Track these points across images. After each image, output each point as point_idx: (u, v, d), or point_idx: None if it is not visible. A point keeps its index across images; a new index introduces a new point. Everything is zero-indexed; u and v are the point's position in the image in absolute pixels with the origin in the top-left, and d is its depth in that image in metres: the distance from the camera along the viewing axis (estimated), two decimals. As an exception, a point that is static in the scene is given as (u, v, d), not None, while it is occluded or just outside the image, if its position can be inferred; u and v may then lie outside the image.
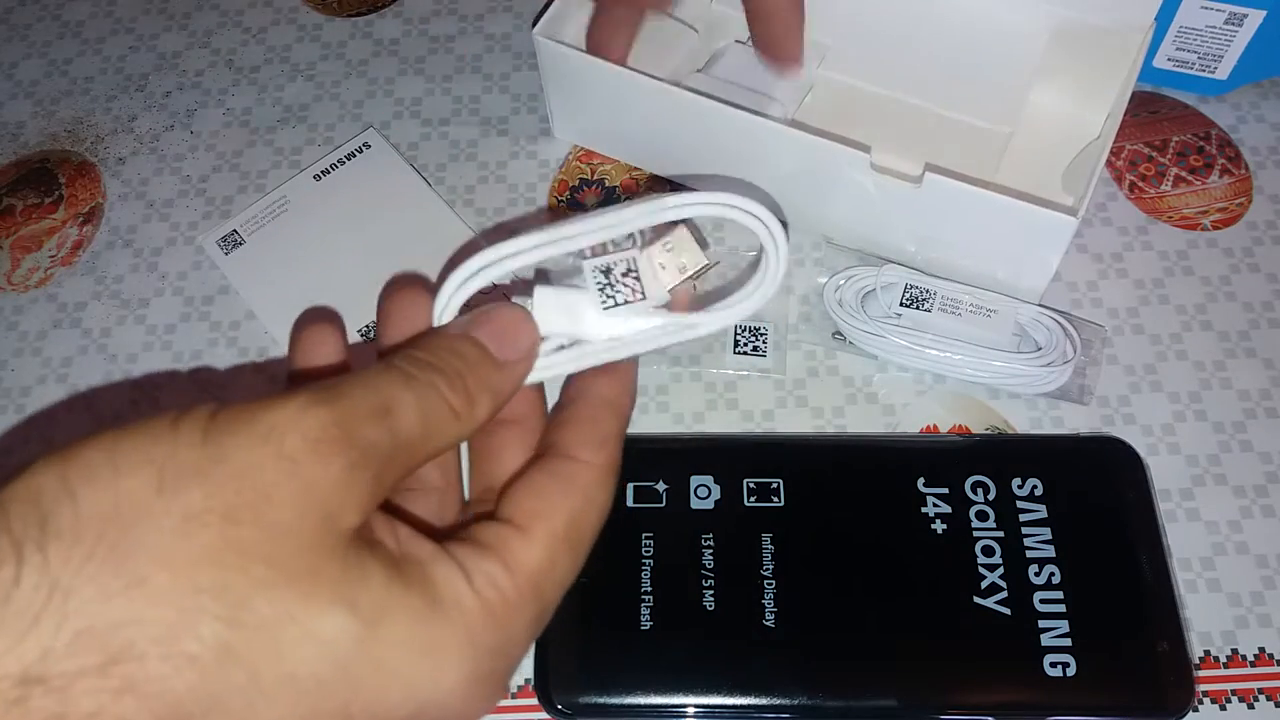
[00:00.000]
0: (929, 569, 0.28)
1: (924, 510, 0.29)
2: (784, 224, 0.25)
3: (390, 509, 0.22)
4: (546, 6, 0.35)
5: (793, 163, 0.33)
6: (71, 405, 0.34)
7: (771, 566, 0.29)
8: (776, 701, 0.27)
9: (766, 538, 0.29)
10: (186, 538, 0.17)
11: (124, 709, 0.16)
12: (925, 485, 0.30)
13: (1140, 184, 0.37)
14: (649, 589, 0.28)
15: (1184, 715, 0.27)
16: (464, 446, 0.25)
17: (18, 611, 0.15)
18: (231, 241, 0.36)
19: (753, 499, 0.30)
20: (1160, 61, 0.37)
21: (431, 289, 0.24)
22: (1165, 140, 0.37)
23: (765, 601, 0.28)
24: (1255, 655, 0.29)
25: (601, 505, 0.22)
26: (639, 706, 0.27)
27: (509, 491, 0.22)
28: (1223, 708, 0.28)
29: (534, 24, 0.35)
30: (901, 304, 0.32)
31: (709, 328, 0.24)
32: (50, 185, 0.38)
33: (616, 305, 0.24)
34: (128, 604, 0.16)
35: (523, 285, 0.24)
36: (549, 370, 0.24)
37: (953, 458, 0.30)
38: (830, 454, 0.31)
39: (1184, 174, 0.37)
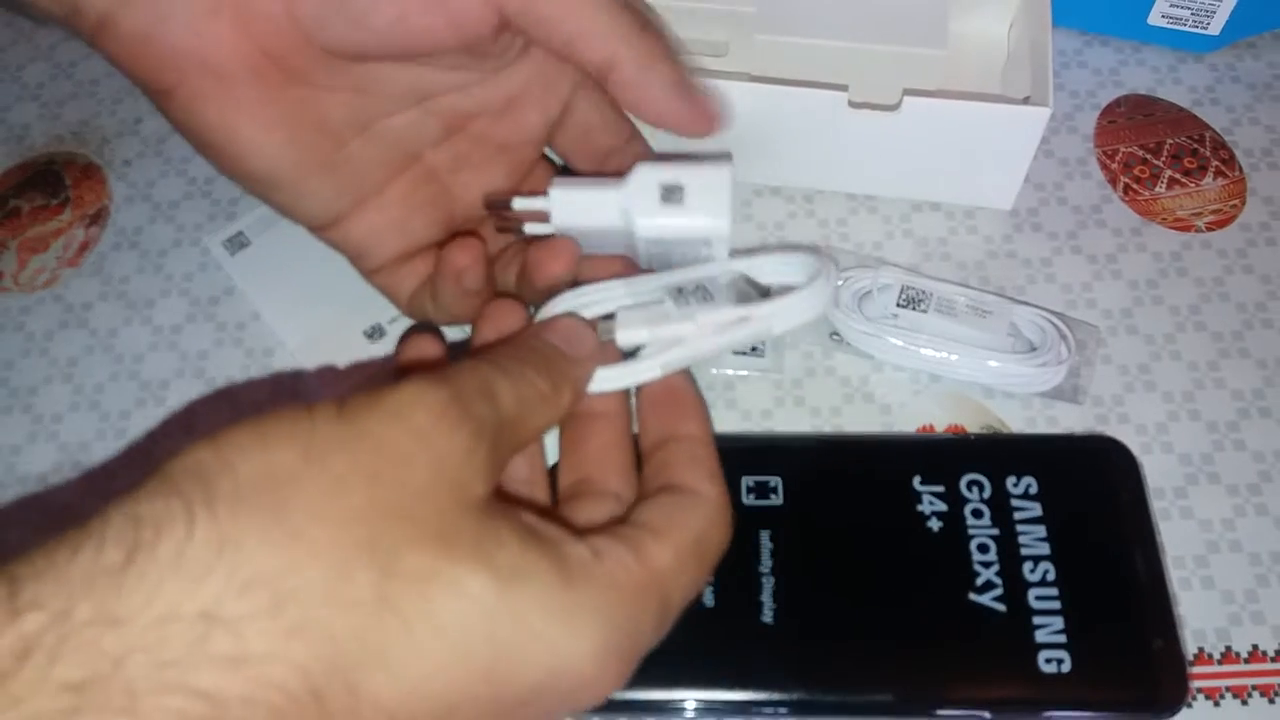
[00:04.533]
0: (924, 566, 0.29)
1: (920, 508, 0.30)
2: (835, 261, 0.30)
3: None
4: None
5: (766, 116, 0.34)
6: (76, 405, 0.34)
7: (770, 563, 0.29)
8: (774, 696, 0.27)
9: (765, 535, 0.29)
10: (336, 498, 0.18)
11: (294, 651, 0.17)
12: (921, 483, 0.30)
13: (1134, 186, 0.37)
14: (649, 586, 0.29)
15: (1177, 711, 0.27)
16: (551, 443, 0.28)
17: (193, 561, 0.17)
18: (237, 243, 0.36)
19: (751, 497, 0.30)
20: (1154, 19, 0.38)
21: (525, 308, 0.29)
22: (1159, 143, 0.38)
23: (763, 598, 0.28)
24: (1248, 652, 0.29)
25: (724, 530, 0.24)
26: (638, 701, 0.27)
27: (638, 509, 0.24)
28: (1216, 704, 0.28)
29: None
30: (898, 305, 0.33)
31: (780, 319, 0.28)
32: (57, 187, 0.39)
33: (690, 305, 0.28)
34: (290, 555, 0.17)
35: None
36: (642, 374, 0.27)
37: (948, 456, 0.31)
38: (828, 452, 0.31)
39: (1178, 176, 0.37)
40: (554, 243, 0.29)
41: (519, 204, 0.29)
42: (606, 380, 0.27)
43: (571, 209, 0.29)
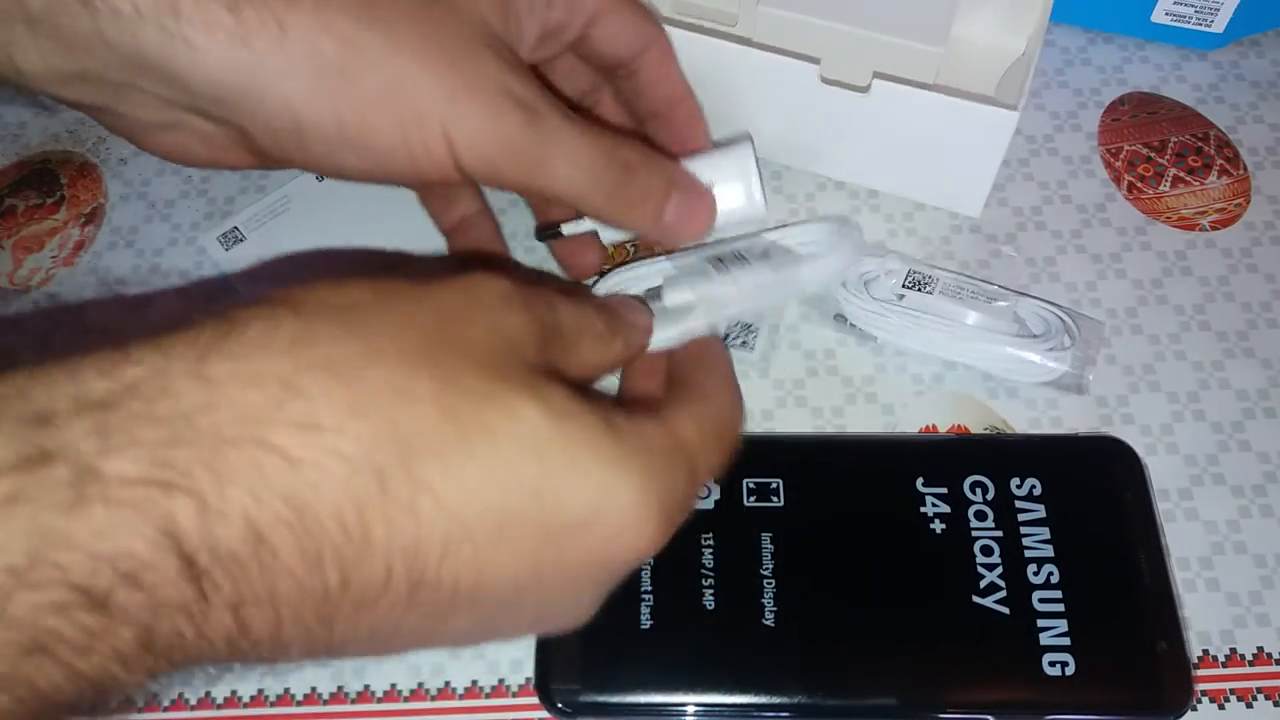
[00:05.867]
0: (928, 568, 0.29)
1: (923, 510, 0.29)
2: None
3: None
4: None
5: (738, 79, 0.33)
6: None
7: (771, 566, 0.29)
8: (776, 700, 0.27)
9: (766, 537, 0.29)
10: (403, 329, 0.20)
11: (361, 429, 0.18)
12: (924, 485, 0.30)
13: (1139, 185, 0.37)
14: (649, 588, 0.28)
15: (1182, 714, 0.27)
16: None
17: (276, 343, 0.18)
18: (233, 238, 0.36)
19: (752, 499, 0.30)
20: (1158, 16, 0.38)
21: None
22: (1164, 141, 0.38)
23: (765, 601, 0.28)
24: (1253, 655, 0.29)
25: (740, 419, 0.26)
26: (639, 705, 0.27)
27: (661, 402, 0.25)
28: (1221, 707, 0.28)
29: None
30: (903, 287, 0.33)
31: (813, 278, 0.31)
32: (52, 186, 0.38)
33: (729, 270, 0.30)
34: (361, 352, 0.19)
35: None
36: (692, 331, 0.29)
37: (951, 457, 0.31)
38: (829, 454, 0.31)
39: (1182, 175, 0.37)
40: (583, 239, 0.31)
41: (569, 230, 0.31)
42: (658, 337, 0.28)
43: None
